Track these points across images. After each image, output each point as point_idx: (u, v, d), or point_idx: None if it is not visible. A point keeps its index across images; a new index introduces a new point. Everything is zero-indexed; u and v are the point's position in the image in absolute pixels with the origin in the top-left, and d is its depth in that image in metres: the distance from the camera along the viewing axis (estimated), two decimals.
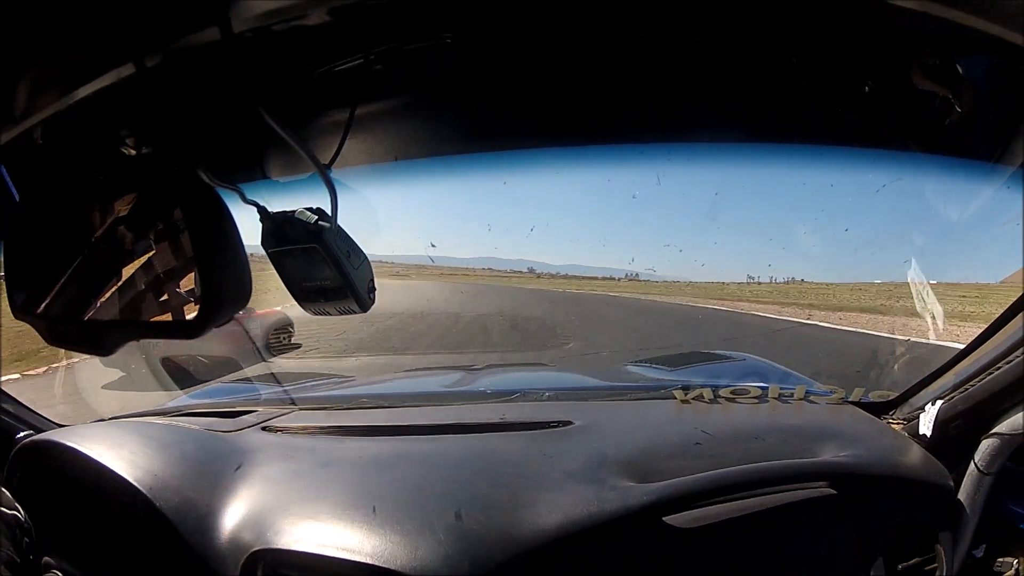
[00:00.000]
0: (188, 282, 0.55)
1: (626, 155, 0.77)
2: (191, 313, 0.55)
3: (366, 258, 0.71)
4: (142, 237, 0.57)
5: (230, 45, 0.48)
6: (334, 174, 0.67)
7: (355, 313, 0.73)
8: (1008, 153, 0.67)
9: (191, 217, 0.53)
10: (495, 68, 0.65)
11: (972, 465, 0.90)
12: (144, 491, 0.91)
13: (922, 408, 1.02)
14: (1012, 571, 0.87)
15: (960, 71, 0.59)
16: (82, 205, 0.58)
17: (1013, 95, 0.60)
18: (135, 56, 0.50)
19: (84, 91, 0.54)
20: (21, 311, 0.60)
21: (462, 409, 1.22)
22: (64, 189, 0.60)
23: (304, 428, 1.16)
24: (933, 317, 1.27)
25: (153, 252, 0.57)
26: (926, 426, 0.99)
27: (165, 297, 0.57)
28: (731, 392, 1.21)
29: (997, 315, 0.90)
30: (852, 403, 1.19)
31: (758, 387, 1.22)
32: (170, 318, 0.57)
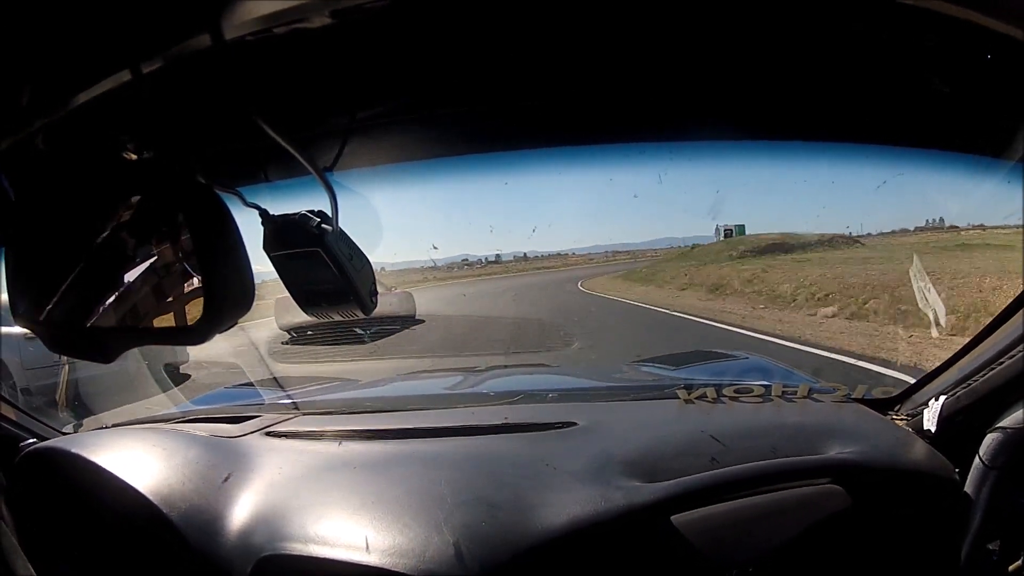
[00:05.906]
0: (191, 287, 0.55)
1: (628, 154, 0.78)
2: (194, 319, 0.55)
3: (368, 261, 0.71)
4: (144, 242, 0.57)
5: (223, 51, 0.48)
6: (336, 177, 0.67)
7: (357, 316, 0.73)
8: (1008, 148, 0.67)
9: (193, 222, 0.53)
10: (496, 69, 0.65)
11: (977, 459, 0.90)
12: (150, 498, 0.91)
13: (926, 404, 1.02)
14: (1020, 562, 0.86)
15: (960, 66, 0.59)
16: (84, 210, 0.58)
17: (1013, 90, 0.60)
18: (130, 62, 0.50)
19: (83, 97, 0.54)
20: (22, 317, 0.60)
21: (466, 412, 1.22)
22: (66, 194, 0.60)
23: (308, 433, 1.16)
24: (935, 313, 1.27)
25: (155, 258, 0.57)
26: (930, 422, 0.98)
27: (168, 303, 0.57)
28: (735, 391, 1.20)
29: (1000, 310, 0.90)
30: (856, 400, 1.18)
31: (761, 385, 1.21)
32: (173, 324, 0.57)
